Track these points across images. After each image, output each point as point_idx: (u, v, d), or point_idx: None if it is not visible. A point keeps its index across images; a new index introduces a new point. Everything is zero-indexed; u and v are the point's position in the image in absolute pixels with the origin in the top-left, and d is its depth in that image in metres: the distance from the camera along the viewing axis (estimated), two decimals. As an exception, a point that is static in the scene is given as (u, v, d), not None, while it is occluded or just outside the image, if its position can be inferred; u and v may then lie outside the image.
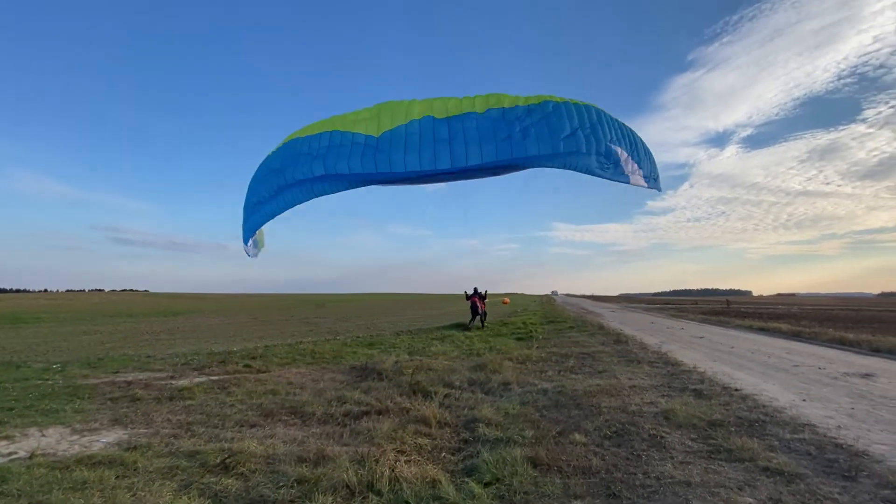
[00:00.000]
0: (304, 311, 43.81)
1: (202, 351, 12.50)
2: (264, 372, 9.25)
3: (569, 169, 5.33)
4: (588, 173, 5.46)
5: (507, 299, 41.24)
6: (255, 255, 8.16)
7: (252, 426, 5.64)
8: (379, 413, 6.07)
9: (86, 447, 4.83)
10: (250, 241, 7.52)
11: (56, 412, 6.11)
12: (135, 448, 4.69)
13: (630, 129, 6.17)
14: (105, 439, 5.11)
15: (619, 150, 5.52)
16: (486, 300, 20.88)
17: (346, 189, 5.78)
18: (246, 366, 9.83)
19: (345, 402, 6.61)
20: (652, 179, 6.68)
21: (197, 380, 8.33)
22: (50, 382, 8.01)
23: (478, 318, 20.34)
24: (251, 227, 6.91)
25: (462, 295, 21.12)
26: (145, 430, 5.44)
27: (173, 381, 8.16)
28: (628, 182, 5.98)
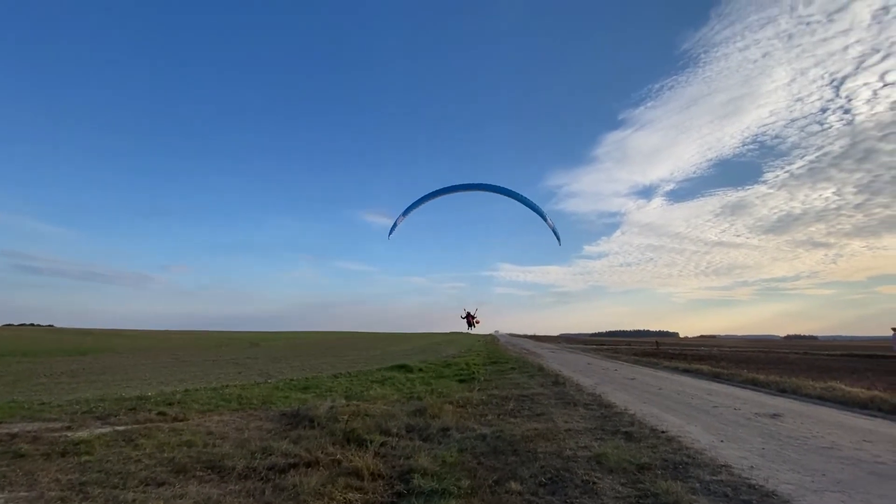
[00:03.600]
0: (234, 350, 40.84)
1: (109, 396, 11.16)
2: (181, 420, 8.40)
3: (512, 197, 14.42)
4: (523, 202, 14.40)
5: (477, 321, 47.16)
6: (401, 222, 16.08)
7: (160, 485, 5.04)
8: (308, 465, 5.67)
9: (-56, 518, 4.07)
10: (399, 224, 15.89)
11: (-89, 475, 5.13)
12: (9, 517, 4.02)
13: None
14: (-28, 507, 4.34)
15: (533, 210, 13.87)
16: (475, 318, 29.70)
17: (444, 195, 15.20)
18: (160, 413, 8.87)
19: (270, 454, 6.12)
20: (557, 234, 15.45)
21: (99, 430, 7.38)
22: None
23: (471, 328, 28.55)
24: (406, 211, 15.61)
25: (449, 321, 31.27)
26: (27, 494, 4.69)
27: (69, 433, 7.16)
28: (545, 218, 14.70)
